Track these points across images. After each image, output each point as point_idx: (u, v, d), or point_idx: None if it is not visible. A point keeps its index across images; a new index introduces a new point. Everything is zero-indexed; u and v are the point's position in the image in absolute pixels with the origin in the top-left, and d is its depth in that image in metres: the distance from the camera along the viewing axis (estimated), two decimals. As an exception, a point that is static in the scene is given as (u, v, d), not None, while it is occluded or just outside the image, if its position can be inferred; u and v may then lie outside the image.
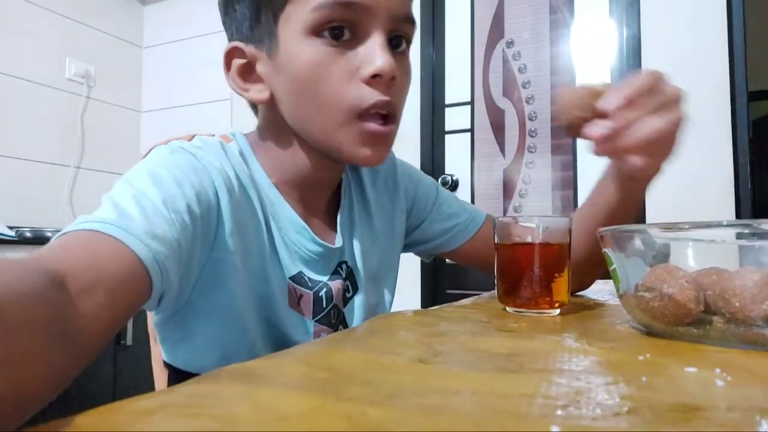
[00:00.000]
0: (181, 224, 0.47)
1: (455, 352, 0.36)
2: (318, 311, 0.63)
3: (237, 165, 0.58)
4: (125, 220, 0.42)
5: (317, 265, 0.64)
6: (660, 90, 0.53)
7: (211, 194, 0.53)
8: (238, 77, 0.60)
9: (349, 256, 0.69)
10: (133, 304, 0.41)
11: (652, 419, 0.21)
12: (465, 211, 0.81)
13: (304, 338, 0.62)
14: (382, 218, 0.74)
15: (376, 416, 0.22)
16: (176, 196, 0.48)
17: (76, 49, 2.68)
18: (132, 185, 0.47)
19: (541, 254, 0.55)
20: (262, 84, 0.60)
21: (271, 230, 0.60)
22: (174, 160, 0.53)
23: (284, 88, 0.58)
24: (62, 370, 0.29)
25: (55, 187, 2.56)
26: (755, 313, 0.36)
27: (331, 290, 0.64)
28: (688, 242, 0.42)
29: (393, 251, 0.76)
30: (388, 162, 0.78)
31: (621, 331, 0.44)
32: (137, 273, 0.40)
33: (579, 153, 2.11)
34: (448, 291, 2.32)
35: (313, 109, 0.57)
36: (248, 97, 0.60)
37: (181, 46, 2.93)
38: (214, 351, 0.57)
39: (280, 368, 0.30)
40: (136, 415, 0.22)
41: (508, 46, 2.28)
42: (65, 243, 0.39)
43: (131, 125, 2.99)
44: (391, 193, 0.77)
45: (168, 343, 0.60)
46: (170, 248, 0.44)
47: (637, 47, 2.01)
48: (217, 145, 0.58)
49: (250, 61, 0.60)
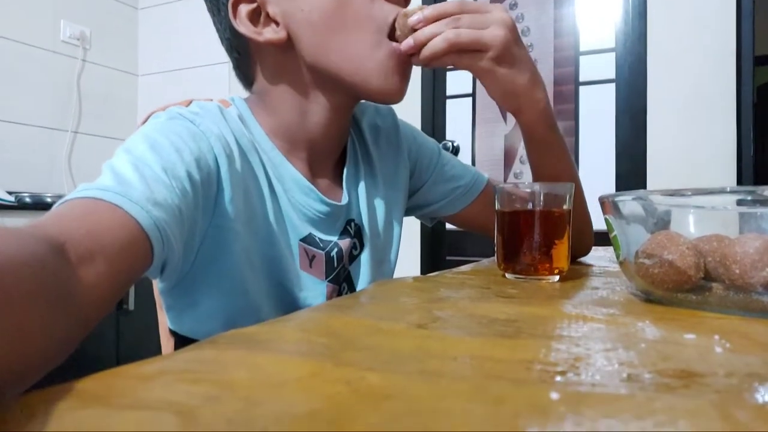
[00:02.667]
0: (182, 191, 0.47)
1: (454, 317, 0.36)
2: (330, 272, 0.63)
3: (236, 130, 0.58)
4: (125, 187, 0.41)
5: (326, 225, 0.64)
6: (471, 10, 0.56)
7: (210, 160, 0.53)
8: (249, 22, 0.59)
9: (356, 213, 0.68)
10: (135, 271, 0.40)
11: (651, 385, 0.22)
12: (468, 173, 0.80)
13: (317, 300, 0.62)
14: (386, 174, 0.74)
15: (375, 381, 0.22)
16: (176, 163, 0.48)
17: (71, 10, 2.63)
18: (131, 153, 0.47)
19: (541, 220, 0.54)
20: (277, 25, 0.58)
21: (276, 193, 0.60)
22: (172, 127, 0.52)
23: (305, 21, 0.57)
24: (63, 338, 0.29)
25: (53, 152, 2.55)
26: (755, 279, 0.36)
27: (342, 249, 0.64)
28: (689, 209, 0.42)
29: (397, 208, 0.76)
30: (389, 120, 0.77)
31: (620, 297, 0.44)
32: (138, 240, 0.40)
33: (581, 118, 2.09)
34: (447, 257, 2.33)
35: (341, 36, 0.56)
36: (264, 39, 0.58)
37: (177, 7, 2.87)
38: (219, 318, 0.57)
39: (278, 334, 0.30)
40: (136, 380, 0.22)
41: (511, 8, 2.23)
42: (65, 211, 0.39)
43: (128, 89, 2.96)
44: (395, 151, 0.76)
45: (173, 310, 0.60)
46: (171, 215, 0.44)
47: (643, 9, 1.97)
48: (216, 111, 0.58)
49: (259, 5, 0.58)
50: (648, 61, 1.96)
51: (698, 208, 0.42)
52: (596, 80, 2.08)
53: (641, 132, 1.95)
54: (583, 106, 2.10)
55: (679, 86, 1.91)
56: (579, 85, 2.11)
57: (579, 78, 2.10)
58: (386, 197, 0.73)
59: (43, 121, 2.50)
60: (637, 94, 1.98)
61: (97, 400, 0.20)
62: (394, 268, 0.75)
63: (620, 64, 2.03)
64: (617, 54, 2.04)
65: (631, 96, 2.00)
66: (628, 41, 2.01)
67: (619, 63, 2.04)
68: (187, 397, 0.20)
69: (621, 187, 1.97)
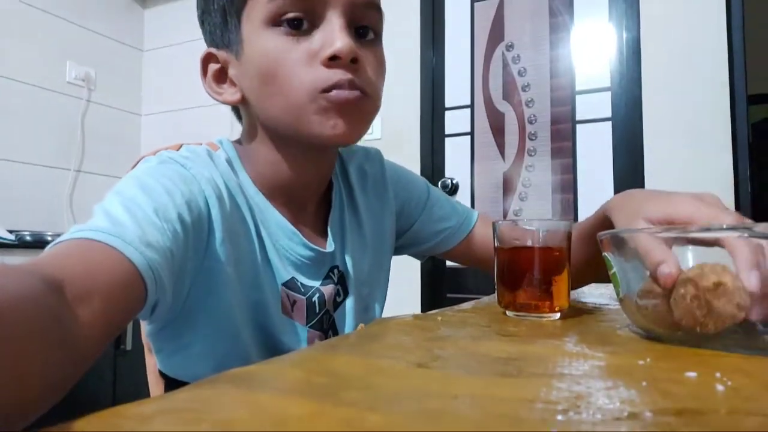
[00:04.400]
0: (173, 233, 0.47)
1: (455, 356, 0.36)
2: (311, 317, 0.63)
3: (225, 173, 0.59)
4: (118, 228, 0.42)
5: (309, 270, 0.64)
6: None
7: (201, 203, 0.53)
8: (213, 82, 0.62)
9: (341, 260, 0.68)
10: (129, 311, 0.41)
11: (653, 424, 0.21)
12: (456, 213, 0.81)
13: (297, 345, 0.61)
14: (372, 222, 0.74)
15: (375, 421, 0.22)
16: (167, 205, 0.48)
17: (77, 52, 2.69)
18: (122, 195, 0.47)
19: (541, 258, 0.55)
20: (234, 87, 0.61)
21: (261, 237, 0.60)
22: (163, 170, 0.53)
23: (250, 85, 0.59)
24: (61, 375, 0.29)
25: (56, 191, 2.56)
26: (755, 317, 0.36)
27: (324, 295, 0.64)
28: (688, 245, 0.42)
29: (383, 255, 0.76)
30: (377, 164, 0.78)
31: (621, 335, 0.44)
32: (133, 280, 0.40)
33: (579, 156, 2.11)
34: (448, 295, 2.31)
35: (277, 96, 0.57)
36: (222, 99, 0.62)
37: (181, 50, 2.93)
38: (208, 359, 0.57)
39: (278, 373, 0.30)
40: (135, 421, 0.22)
41: (507, 50, 2.28)
42: (60, 251, 0.39)
43: (132, 129, 3.00)
44: (381, 196, 0.76)
45: (162, 353, 0.60)
46: (163, 256, 0.44)
47: (637, 50, 2.01)
48: (205, 155, 0.59)
49: (223, 66, 0.61)
50: (643, 99, 1.99)
51: (697, 245, 0.42)
52: (593, 119, 2.11)
53: (638, 169, 1.97)
54: (581, 143, 2.12)
55: (675, 124, 1.93)
56: (576, 124, 2.13)
57: (576, 116, 2.13)
58: (372, 244, 0.73)
59: (46, 160, 2.53)
60: (634, 131, 2.00)
61: (96, 440, 0.20)
62: (381, 315, 0.75)
63: (616, 102, 2.07)
64: (613, 92, 2.08)
65: (627, 134, 2.03)
66: (624, 80, 2.05)
67: (615, 101, 2.07)
68: (187, 438, 0.20)
69: (620, 223, 1.97)
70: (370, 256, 0.73)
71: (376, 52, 0.60)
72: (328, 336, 0.65)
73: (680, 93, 1.94)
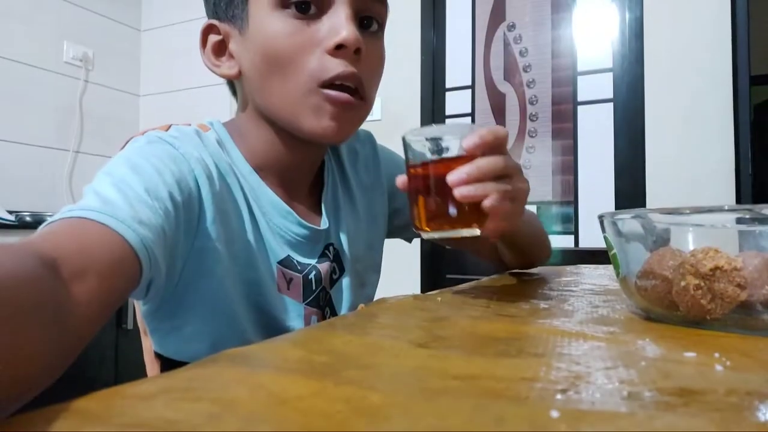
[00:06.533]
0: (165, 212, 0.47)
1: (455, 336, 0.36)
2: (308, 294, 0.63)
3: (215, 153, 0.59)
4: (110, 207, 0.42)
5: (305, 248, 0.64)
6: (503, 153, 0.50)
7: (191, 183, 0.53)
8: (212, 54, 0.62)
9: (335, 237, 0.69)
10: (124, 289, 0.41)
11: (651, 403, 0.22)
12: None
13: (294, 322, 0.62)
14: (365, 200, 0.75)
15: (376, 400, 0.22)
16: (157, 184, 0.48)
17: (74, 32, 2.66)
18: (112, 175, 0.47)
19: (443, 171, 0.49)
20: (233, 60, 0.61)
21: (254, 216, 0.60)
22: (152, 150, 0.53)
23: (251, 62, 0.59)
24: (57, 354, 0.29)
25: (55, 172, 2.55)
26: (754, 297, 0.36)
27: (320, 273, 0.65)
28: (689, 227, 0.42)
29: (376, 233, 0.77)
30: (368, 145, 0.78)
31: (621, 315, 0.44)
32: (127, 258, 0.40)
33: (580, 138, 2.10)
34: (447, 276, 2.32)
35: (275, 80, 0.57)
36: (219, 72, 0.62)
37: (179, 29, 2.90)
38: (204, 339, 0.57)
39: (279, 352, 0.30)
40: (137, 399, 0.22)
41: (509, 30, 2.25)
42: (53, 230, 0.39)
43: (130, 109, 2.97)
44: (372, 176, 0.77)
45: (158, 333, 0.60)
46: (156, 234, 0.44)
47: (640, 31, 1.99)
48: (194, 135, 0.58)
49: (224, 39, 0.61)
50: (645, 80, 1.98)
51: (697, 226, 0.42)
52: (594, 100, 2.09)
53: (640, 150, 1.96)
54: (582, 125, 2.11)
55: (677, 105, 1.92)
56: (577, 105, 2.12)
57: (577, 98, 2.12)
58: (366, 221, 0.74)
59: (44, 140, 2.51)
60: (635, 113, 1.99)
61: (97, 419, 0.20)
62: (375, 291, 0.76)
63: (618, 83, 2.05)
64: (615, 74, 2.06)
65: (628, 115, 2.02)
66: (626, 61, 2.03)
67: (617, 83, 2.05)
68: (189, 416, 0.20)
69: (620, 205, 1.97)
70: (364, 233, 0.73)
71: (378, 46, 0.61)
72: (324, 313, 0.66)
73: (682, 74, 1.92)
